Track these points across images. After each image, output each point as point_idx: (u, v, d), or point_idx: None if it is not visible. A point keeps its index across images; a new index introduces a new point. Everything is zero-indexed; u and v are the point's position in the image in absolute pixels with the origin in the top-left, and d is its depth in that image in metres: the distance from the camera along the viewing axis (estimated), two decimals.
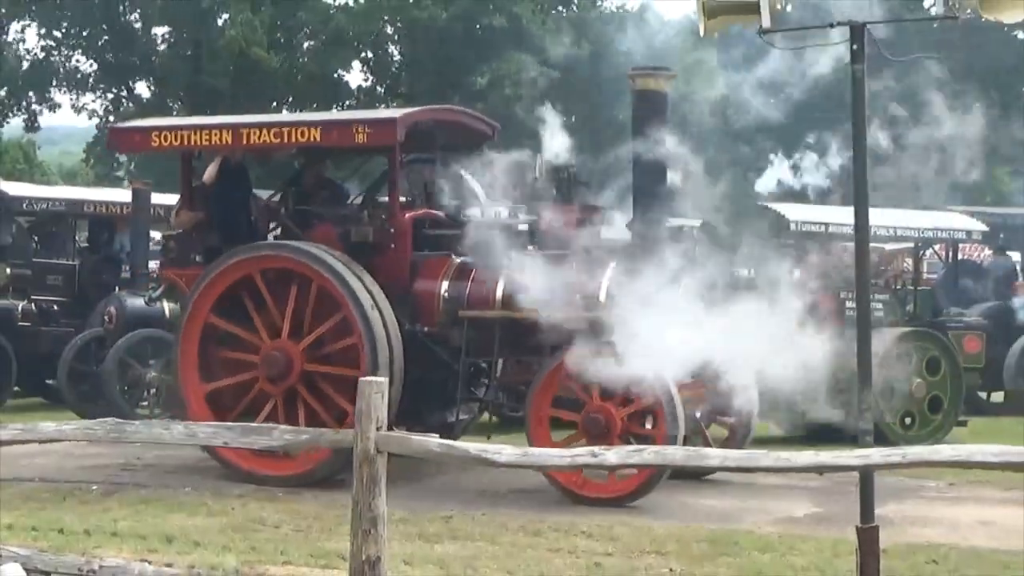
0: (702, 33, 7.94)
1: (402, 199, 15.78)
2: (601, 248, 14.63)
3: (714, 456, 7.77)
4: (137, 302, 20.54)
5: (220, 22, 49.35)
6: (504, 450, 6.99)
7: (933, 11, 7.15)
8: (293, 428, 8.17)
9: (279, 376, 14.73)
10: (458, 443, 7.33)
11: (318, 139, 15.21)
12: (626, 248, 14.61)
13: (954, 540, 12.19)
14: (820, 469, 6.92)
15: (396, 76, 52.78)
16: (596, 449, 6.72)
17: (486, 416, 16.49)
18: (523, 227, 15.12)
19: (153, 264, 22.07)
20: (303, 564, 10.46)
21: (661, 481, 13.62)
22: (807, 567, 10.93)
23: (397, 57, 53.13)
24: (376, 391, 6.65)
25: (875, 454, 6.63)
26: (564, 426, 14.58)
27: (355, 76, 54.30)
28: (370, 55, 53.32)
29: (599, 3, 53.13)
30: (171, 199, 24.52)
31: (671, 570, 10.84)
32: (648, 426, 14.09)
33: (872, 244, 19.72)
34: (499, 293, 14.65)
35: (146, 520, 12.30)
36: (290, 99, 51.35)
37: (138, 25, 51.64)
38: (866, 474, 7.12)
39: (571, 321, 14.04)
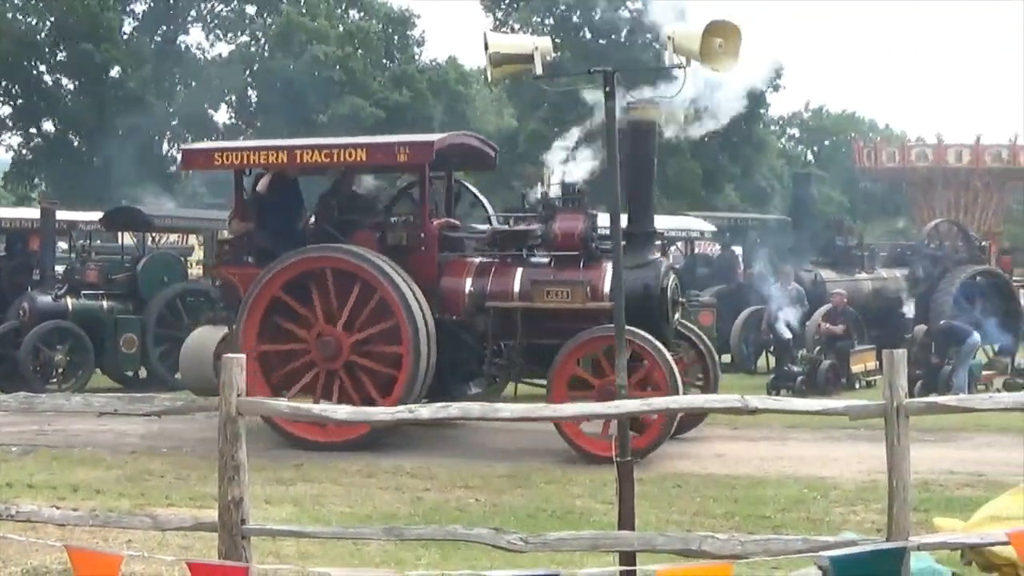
0: (490, 79, 7.92)
1: None
2: (601, 248, 14.20)
3: (506, 409, 7.76)
4: (46, 299, 20.15)
5: (114, 73, 48.19)
6: (339, 409, 6.90)
7: (667, 61, 7.17)
8: (171, 396, 8.00)
9: (330, 357, 14.01)
10: (303, 404, 7.20)
11: (364, 159, 14.31)
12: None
13: (695, 469, 12.45)
14: (588, 417, 6.99)
15: (254, 114, 52.04)
16: (412, 407, 6.65)
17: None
18: (535, 232, 14.52)
19: (59, 268, 21.62)
20: (183, 505, 10.35)
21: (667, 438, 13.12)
22: (582, 494, 11.07)
23: (255, 99, 52.37)
24: (236, 366, 6.51)
25: (629, 404, 6.69)
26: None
27: (221, 114, 53.62)
28: (233, 98, 52.67)
29: (416, 60, 53.20)
30: (74, 215, 24.12)
31: (477, 500, 10.89)
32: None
33: None
34: (516, 287, 14.17)
35: (56, 474, 12.03)
36: (168, 135, 50.61)
37: (46, 77, 50.07)
38: (623, 420, 7.16)
39: (580, 310, 13.74)
